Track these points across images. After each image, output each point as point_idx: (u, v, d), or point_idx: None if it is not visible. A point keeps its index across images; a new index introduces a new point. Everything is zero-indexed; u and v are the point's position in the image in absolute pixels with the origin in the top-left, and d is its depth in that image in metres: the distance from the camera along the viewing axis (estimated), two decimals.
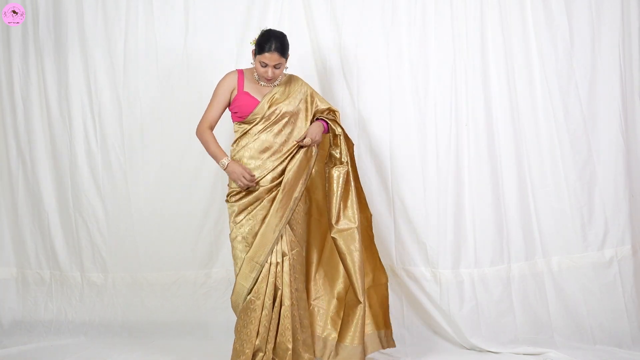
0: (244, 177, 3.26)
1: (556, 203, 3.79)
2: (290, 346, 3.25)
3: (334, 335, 3.42)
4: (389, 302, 3.52)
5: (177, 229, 4.07)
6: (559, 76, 3.78)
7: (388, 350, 3.58)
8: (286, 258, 3.29)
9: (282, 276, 3.28)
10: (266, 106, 3.33)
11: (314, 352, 3.40)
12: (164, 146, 4.06)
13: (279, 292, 3.28)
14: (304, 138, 3.35)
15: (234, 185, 3.34)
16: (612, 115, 3.78)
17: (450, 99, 3.81)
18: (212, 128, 3.39)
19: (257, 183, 3.30)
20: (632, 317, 3.71)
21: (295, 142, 3.35)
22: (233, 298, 3.35)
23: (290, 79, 3.46)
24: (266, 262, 3.26)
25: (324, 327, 3.46)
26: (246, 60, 3.90)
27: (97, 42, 4.05)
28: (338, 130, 3.40)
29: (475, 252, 3.79)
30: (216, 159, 3.34)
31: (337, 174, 3.36)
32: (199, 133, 3.39)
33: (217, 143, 3.37)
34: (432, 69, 3.82)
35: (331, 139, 3.42)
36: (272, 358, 3.28)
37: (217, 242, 4.06)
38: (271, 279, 3.27)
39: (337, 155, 3.40)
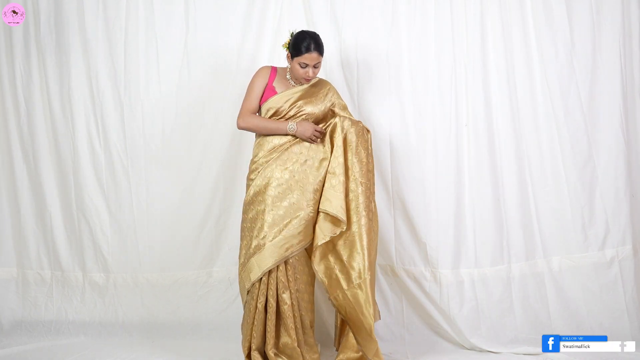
0: (316, 130, 3.34)
1: (556, 203, 3.78)
2: (296, 345, 3.27)
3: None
4: (390, 301, 3.77)
5: (178, 229, 4.07)
6: (560, 76, 3.77)
7: (388, 350, 3.59)
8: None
9: (279, 278, 3.29)
10: (284, 99, 3.37)
11: (318, 351, 3.42)
12: (165, 145, 4.06)
13: (277, 293, 3.28)
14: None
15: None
16: (613, 115, 3.77)
17: (450, 98, 3.81)
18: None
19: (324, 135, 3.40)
20: (632, 317, 3.71)
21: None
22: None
23: (319, 82, 3.50)
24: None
25: None
26: (247, 59, 3.94)
27: (98, 42, 4.05)
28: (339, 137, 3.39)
29: (475, 252, 3.79)
30: (280, 129, 3.35)
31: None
32: (244, 122, 3.40)
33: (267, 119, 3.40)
34: (432, 69, 3.82)
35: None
36: (277, 357, 3.29)
37: (217, 242, 4.05)
38: (264, 279, 3.28)
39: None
